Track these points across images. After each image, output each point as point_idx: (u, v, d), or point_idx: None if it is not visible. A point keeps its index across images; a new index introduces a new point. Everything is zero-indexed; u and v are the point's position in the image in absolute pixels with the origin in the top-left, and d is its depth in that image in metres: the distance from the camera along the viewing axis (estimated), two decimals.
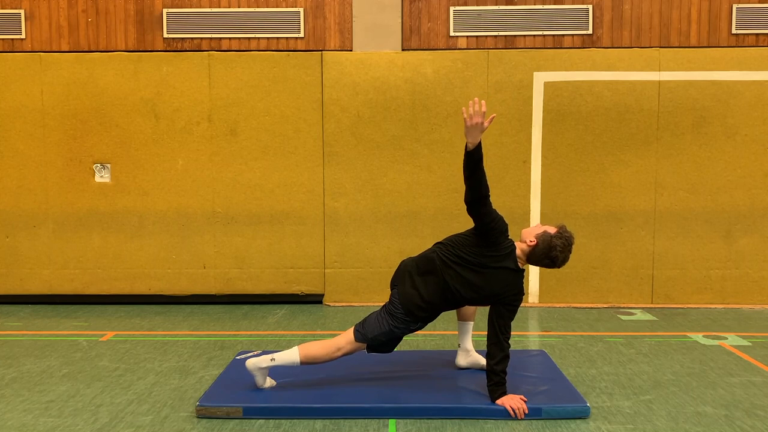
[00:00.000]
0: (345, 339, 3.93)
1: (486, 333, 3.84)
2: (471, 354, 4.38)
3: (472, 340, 4.44)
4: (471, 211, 3.78)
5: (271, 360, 3.94)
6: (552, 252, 3.77)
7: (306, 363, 3.96)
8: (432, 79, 6.55)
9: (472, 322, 4.37)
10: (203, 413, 3.75)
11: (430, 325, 5.88)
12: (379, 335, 3.88)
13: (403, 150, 6.62)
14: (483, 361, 4.30)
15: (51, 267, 6.76)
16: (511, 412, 3.71)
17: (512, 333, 5.68)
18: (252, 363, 3.96)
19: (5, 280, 6.79)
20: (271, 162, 6.65)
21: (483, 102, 3.66)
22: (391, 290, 4.02)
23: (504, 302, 3.78)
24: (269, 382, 4.05)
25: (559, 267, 3.87)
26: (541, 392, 3.97)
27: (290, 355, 3.94)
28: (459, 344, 4.42)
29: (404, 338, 5.46)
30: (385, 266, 6.65)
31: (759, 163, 6.54)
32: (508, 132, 6.59)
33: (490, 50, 6.66)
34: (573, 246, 3.83)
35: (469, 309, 4.31)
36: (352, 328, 3.96)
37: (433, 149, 6.61)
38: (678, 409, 3.88)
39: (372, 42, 6.93)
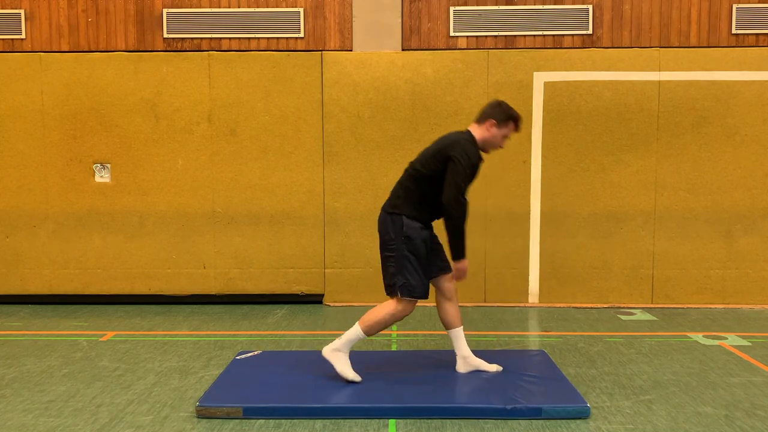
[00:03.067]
0: (399, 306, 4.05)
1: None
2: (469, 359, 4.34)
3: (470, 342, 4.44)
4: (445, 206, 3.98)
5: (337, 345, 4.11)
6: (504, 110, 4.11)
7: (370, 332, 4.08)
8: (432, 79, 6.55)
9: (459, 328, 4.30)
10: (203, 413, 3.75)
11: (429, 324, 5.90)
12: (405, 270, 4.00)
13: (403, 150, 6.62)
14: (484, 365, 4.31)
15: (51, 267, 6.76)
16: (455, 275, 4.06)
17: (512, 333, 5.71)
18: (327, 350, 4.12)
19: (5, 280, 6.79)
20: (271, 162, 6.65)
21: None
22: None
23: (451, 158, 3.96)
24: (353, 375, 4.09)
25: (518, 124, 4.16)
26: (541, 392, 3.97)
27: (352, 335, 4.08)
28: (456, 353, 4.36)
29: (404, 338, 5.48)
30: None
31: (759, 163, 6.54)
32: None
33: (490, 50, 6.66)
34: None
35: (450, 314, 4.26)
36: (392, 301, 4.07)
37: None
38: (678, 409, 3.88)
39: (372, 42, 6.93)
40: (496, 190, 6.63)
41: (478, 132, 4.13)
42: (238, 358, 4.65)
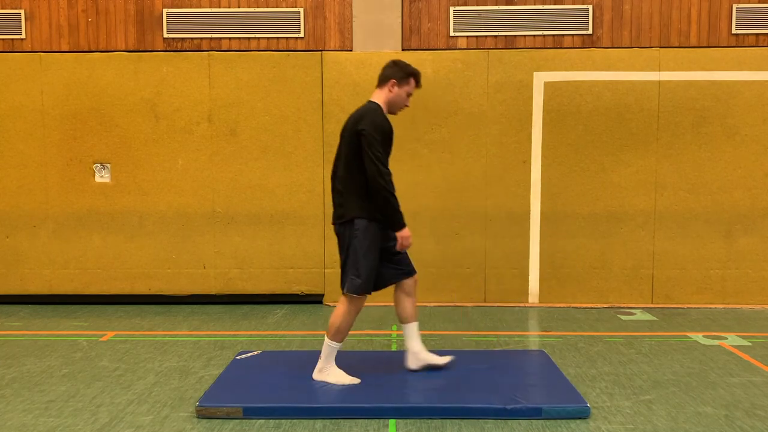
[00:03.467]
0: (350, 303, 4.04)
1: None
2: (420, 354, 4.30)
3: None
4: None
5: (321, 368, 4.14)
6: (402, 68, 4.12)
7: (339, 339, 4.07)
8: (432, 79, 6.54)
9: (414, 323, 4.28)
10: (203, 413, 3.75)
11: (429, 324, 5.91)
12: (360, 265, 3.96)
13: (403, 150, 6.61)
14: (435, 359, 4.31)
15: (51, 267, 6.76)
16: (399, 245, 3.97)
17: (512, 333, 5.71)
18: (318, 376, 4.14)
19: (5, 280, 6.79)
20: (271, 162, 6.65)
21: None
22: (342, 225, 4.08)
23: (361, 133, 3.95)
24: (350, 379, 4.12)
25: (418, 79, 4.16)
26: (541, 392, 3.97)
27: (327, 349, 4.09)
28: (407, 348, 4.32)
29: (404, 338, 5.48)
30: None
31: (759, 163, 6.54)
32: (508, 132, 6.59)
33: (490, 50, 6.66)
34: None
35: (407, 309, 4.24)
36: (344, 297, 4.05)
37: (433, 149, 6.61)
38: (678, 409, 3.88)
39: (372, 42, 6.93)
40: (496, 190, 6.63)
41: (381, 96, 4.14)
42: (238, 358, 4.65)
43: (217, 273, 6.75)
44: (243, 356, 4.68)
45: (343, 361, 4.20)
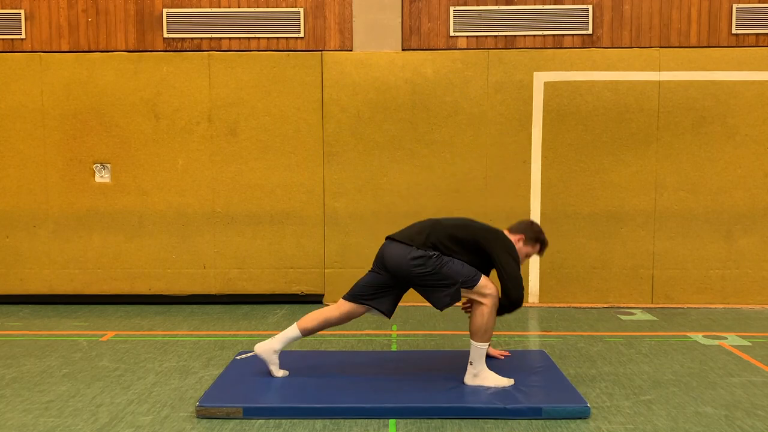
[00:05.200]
0: (486, 303, 4.14)
1: None
2: (274, 356, 4.24)
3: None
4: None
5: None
6: (535, 231, 4.28)
7: (486, 338, 4.08)
8: (432, 79, 6.55)
9: (300, 336, 4.21)
10: (203, 413, 3.75)
11: (429, 324, 5.92)
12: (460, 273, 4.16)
13: (403, 150, 6.62)
14: (275, 369, 4.24)
15: (51, 267, 6.76)
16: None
17: (512, 333, 5.71)
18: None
19: (5, 280, 6.79)
20: (271, 162, 6.65)
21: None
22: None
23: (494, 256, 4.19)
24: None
25: (543, 248, 4.31)
26: (541, 392, 3.97)
27: (476, 352, 4.07)
28: (276, 339, 4.25)
29: (404, 338, 5.48)
30: None
31: (759, 163, 6.54)
32: (508, 132, 6.59)
33: (490, 50, 6.66)
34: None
35: (320, 323, 4.19)
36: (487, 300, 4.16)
37: (433, 149, 6.61)
38: (678, 409, 3.88)
39: (372, 42, 6.93)
40: (496, 190, 6.63)
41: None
42: (238, 358, 4.65)
43: (217, 273, 6.75)
44: (243, 356, 4.68)
45: (343, 360, 4.20)
